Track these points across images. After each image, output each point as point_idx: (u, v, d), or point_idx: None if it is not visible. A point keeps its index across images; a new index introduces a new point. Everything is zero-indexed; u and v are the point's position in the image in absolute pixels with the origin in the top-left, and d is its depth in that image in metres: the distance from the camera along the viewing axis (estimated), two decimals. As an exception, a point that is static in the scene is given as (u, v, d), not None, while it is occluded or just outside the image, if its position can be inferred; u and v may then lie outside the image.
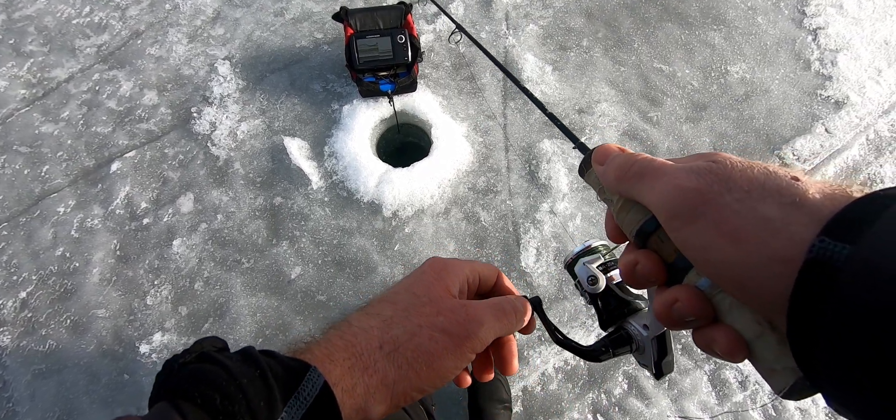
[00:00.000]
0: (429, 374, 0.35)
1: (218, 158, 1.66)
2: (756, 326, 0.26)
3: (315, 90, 1.78)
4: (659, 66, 1.84)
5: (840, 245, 0.21)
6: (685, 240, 0.27)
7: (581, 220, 1.56)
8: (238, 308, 1.45)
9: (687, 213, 0.27)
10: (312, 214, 1.57)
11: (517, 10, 1.96)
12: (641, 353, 0.40)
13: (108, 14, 1.94)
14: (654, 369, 0.40)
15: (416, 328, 0.36)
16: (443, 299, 0.38)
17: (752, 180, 0.25)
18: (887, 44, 1.90)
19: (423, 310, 0.37)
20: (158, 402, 0.29)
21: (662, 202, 0.28)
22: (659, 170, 0.30)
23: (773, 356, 0.26)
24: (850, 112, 1.77)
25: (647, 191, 0.30)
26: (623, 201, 0.33)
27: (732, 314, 0.27)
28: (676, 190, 0.27)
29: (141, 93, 1.79)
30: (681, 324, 0.29)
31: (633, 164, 0.32)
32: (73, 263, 1.52)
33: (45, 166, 1.66)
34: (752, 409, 1.36)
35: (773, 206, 0.24)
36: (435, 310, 0.37)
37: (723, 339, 0.27)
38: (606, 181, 0.34)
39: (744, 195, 0.25)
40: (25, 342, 1.42)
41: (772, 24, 1.94)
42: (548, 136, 1.69)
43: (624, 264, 0.32)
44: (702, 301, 0.28)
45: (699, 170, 0.27)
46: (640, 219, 0.32)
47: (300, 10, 1.94)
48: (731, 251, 0.24)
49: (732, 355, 0.27)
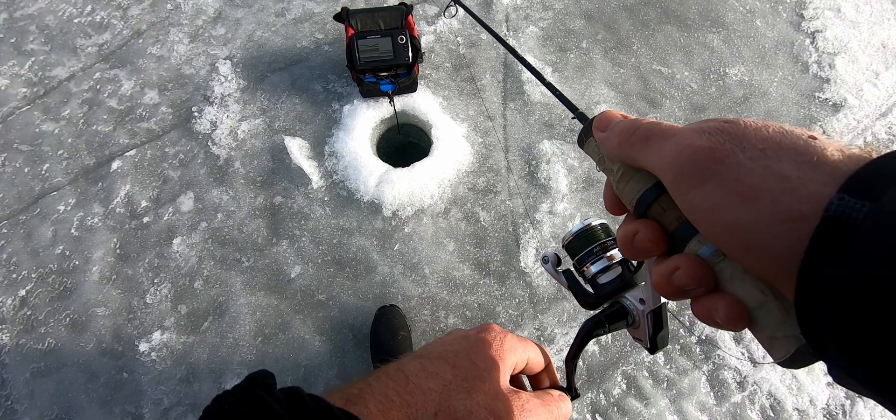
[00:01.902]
0: None
1: (218, 157, 1.67)
2: (758, 294, 0.26)
3: (316, 90, 1.79)
4: (658, 68, 1.85)
5: (859, 202, 0.20)
6: (693, 202, 0.26)
7: (580, 220, 1.57)
8: (238, 307, 1.45)
9: (697, 173, 0.25)
10: (312, 214, 1.58)
11: (517, 12, 1.97)
12: (636, 326, 0.39)
13: (110, 13, 1.95)
14: (650, 343, 0.39)
15: (475, 407, 0.35)
16: (499, 381, 0.37)
17: (766, 139, 0.24)
18: (885, 47, 1.91)
19: (483, 387, 0.36)
20: None
21: (670, 163, 0.27)
22: (667, 131, 0.28)
23: (775, 324, 0.26)
24: (847, 114, 1.78)
25: (654, 153, 0.28)
26: (624, 169, 0.32)
27: (734, 282, 0.27)
28: (687, 149, 0.26)
29: (142, 92, 1.79)
30: (680, 293, 0.28)
31: (638, 127, 0.30)
32: (72, 262, 1.52)
33: (45, 164, 1.66)
34: (750, 410, 1.37)
35: (790, 163, 0.23)
36: (493, 392, 0.36)
37: (724, 307, 0.26)
38: (608, 147, 0.33)
39: (758, 154, 0.24)
40: (24, 340, 1.42)
41: (770, 27, 1.95)
42: (547, 137, 1.69)
43: (622, 235, 0.31)
44: (703, 269, 0.27)
45: (710, 129, 0.26)
46: (642, 187, 0.31)
47: (301, 11, 1.95)
48: (743, 211, 0.23)
49: (733, 323, 0.26)
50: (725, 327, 0.27)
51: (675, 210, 0.29)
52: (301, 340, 1.42)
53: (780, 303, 0.26)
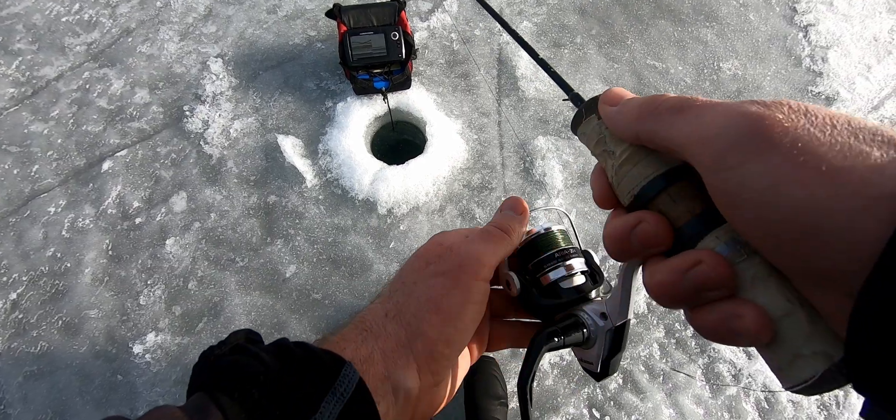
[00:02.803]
0: (440, 320, 0.33)
1: (211, 157, 1.65)
2: (785, 302, 0.22)
3: (309, 88, 1.77)
4: (652, 63, 1.85)
5: None
6: (745, 179, 0.21)
7: (576, 216, 1.57)
8: (232, 307, 1.45)
9: (757, 143, 0.21)
10: (307, 212, 1.57)
11: (511, 7, 1.96)
12: (589, 346, 0.35)
13: (98, 12, 1.92)
14: (599, 367, 0.35)
15: (411, 285, 0.35)
16: (434, 253, 0.37)
17: (833, 116, 0.21)
18: (876, 40, 1.92)
19: (417, 270, 0.36)
20: (195, 392, 0.28)
21: (717, 133, 0.23)
22: (707, 103, 0.24)
23: (803, 338, 0.22)
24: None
25: (692, 123, 0.24)
26: (632, 151, 0.28)
27: (756, 288, 0.23)
28: (743, 117, 0.22)
29: (132, 91, 1.77)
30: (693, 295, 0.24)
31: (666, 98, 0.26)
32: (64, 264, 1.50)
33: (34, 166, 1.64)
34: (745, 402, 1.38)
35: (869, 143, 0.20)
36: (424, 263, 0.36)
37: (752, 314, 0.22)
38: (619, 123, 0.28)
39: (830, 128, 0.20)
40: (16, 343, 1.40)
41: (763, 21, 1.95)
42: (542, 133, 1.69)
43: (618, 227, 0.27)
44: (729, 266, 0.23)
45: (764, 101, 0.22)
46: (651, 172, 0.27)
47: (293, 8, 1.93)
48: (821, 187, 0.19)
49: (760, 334, 0.22)
50: (744, 342, 0.23)
51: (687, 202, 0.26)
52: (297, 340, 1.42)
53: (808, 313, 0.22)
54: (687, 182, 0.26)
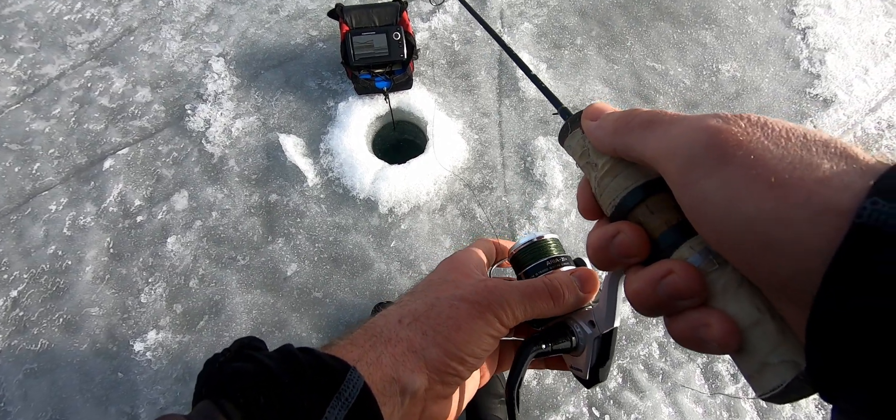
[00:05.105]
0: (459, 337, 0.33)
1: (212, 156, 1.66)
2: (754, 311, 0.23)
3: (310, 87, 1.78)
4: (651, 65, 1.86)
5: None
6: (705, 191, 0.22)
7: (575, 216, 1.58)
8: (233, 305, 1.45)
9: (715, 156, 0.22)
10: (308, 211, 1.57)
11: (512, 9, 1.97)
12: (578, 353, 0.36)
13: (100, 10, 1.92)
14: (589, 375, 0.35)
15: (434, 300, 0.35)
16: (461, 278, 0.37)
17: (789, 129, 0.22)
18: (874, 43, 1.93)
19: (441, 287, 0.36)
20: (201, 400, 0.29)
21: (680, 146, 0.24)
22: (674, 117, 0.25)
23: (770, 347, 0.22)
24: (838, 110, 1.80)
25: (660, 138, 0.25)
26: (612, 163, 0.29)
27: (726, 296, 0.24)
28: (703, 131, 0.23)
29: (134, 90, 1.77)
30: (665, 305, 0.25)
31: (639, 113, 0.27)
32: (65, 261, 1.50)
33: (36, 164, 1.64)
34: (744, 401, 1.38)
35: (820, 154, 0.20)
36: (453, 285, 0.36)
37: (719, 323, 0.23)
38: (598, 137, 0.29)
39: (783, 141, 0.21)
40: (17, 341, 1.40)
41: (762, 24, 1.97)
42: (542, 134, 1.70)
43: (598, 237, 0.28)
44: (700, 276, 0.24)
45: (725, 116, 0.23)
46: (629, 184, 0.28)
47: (295, 7, 1.94)
48: (770, 201, 0.20)
49: (727, 343, 0.23)
50: (715, 348, 0.24)
51: (664, 213, 0.26)
52: (298, 339, 1.42)
53: (777, 323, 0.23)
54: (665, 194, 0.27)
